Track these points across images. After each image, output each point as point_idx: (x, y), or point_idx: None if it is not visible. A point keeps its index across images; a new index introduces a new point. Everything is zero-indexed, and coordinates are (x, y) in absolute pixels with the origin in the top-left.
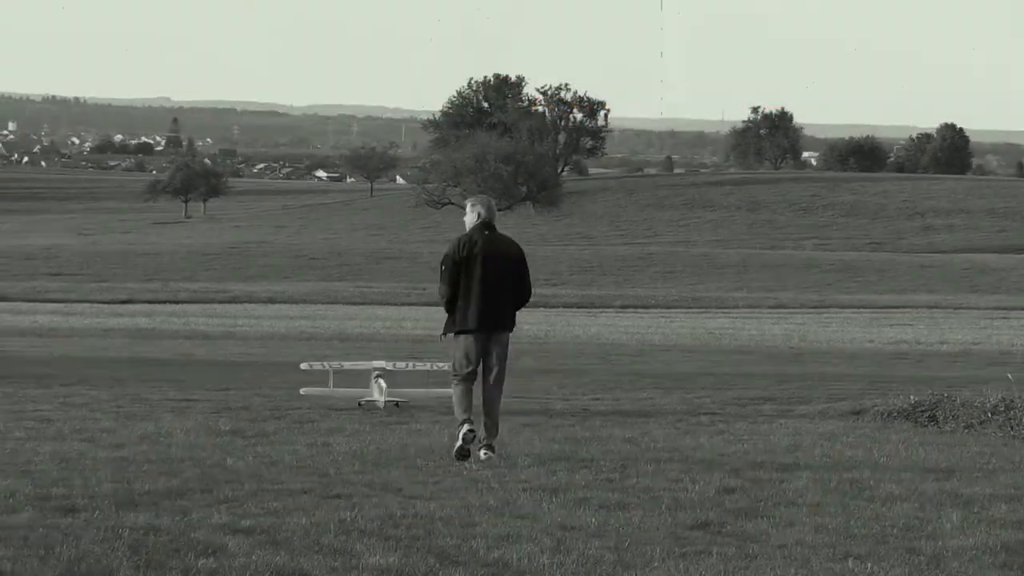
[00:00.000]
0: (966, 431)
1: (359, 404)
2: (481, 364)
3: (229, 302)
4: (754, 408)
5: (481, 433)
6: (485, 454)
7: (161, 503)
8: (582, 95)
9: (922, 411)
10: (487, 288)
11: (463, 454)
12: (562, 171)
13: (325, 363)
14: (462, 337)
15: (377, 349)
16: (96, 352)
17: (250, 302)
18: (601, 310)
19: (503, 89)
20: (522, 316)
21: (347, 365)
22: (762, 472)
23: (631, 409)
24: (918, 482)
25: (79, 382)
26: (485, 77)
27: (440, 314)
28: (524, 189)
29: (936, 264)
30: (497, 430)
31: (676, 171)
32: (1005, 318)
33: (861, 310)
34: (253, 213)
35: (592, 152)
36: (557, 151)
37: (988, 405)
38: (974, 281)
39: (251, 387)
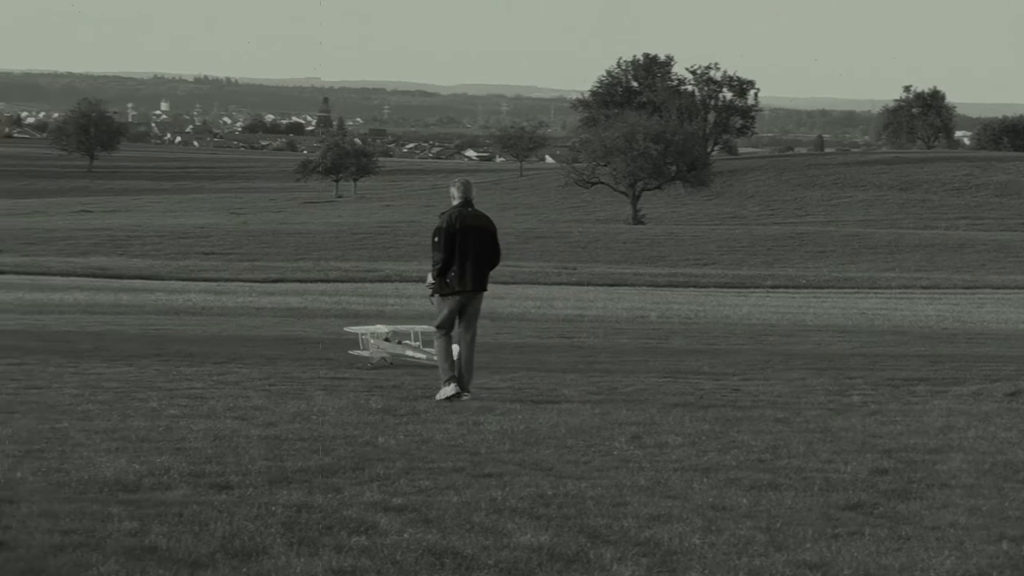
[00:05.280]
0: None
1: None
2: (458, 318)
3: (380, 281)
4: (907, 389)
5: (462, 379)
6: (466, 396)
7: (313, 480)
8: (731, 74)
9: None
10: (474, 255)
11: (452, 399)
12: (712, 150)
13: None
14: (451, 297)
15: (527, 329)
16: (248, 330)
17: (401, 281)
18: (751, 290)
19: (652, 68)
20: (671, 295)
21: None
22: (915, 453)
23: (782, 390)
24: None
25: (231, 360)
26: (634, 56)
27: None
28: (673, 168)
29: None
30: (471, 374)
31: (827, 150)
32: None
33: (1016, 291)
34: (403, 192)
35: (742, 131)
36: (707, 130)
37: None
38: None
39: (402, 366)
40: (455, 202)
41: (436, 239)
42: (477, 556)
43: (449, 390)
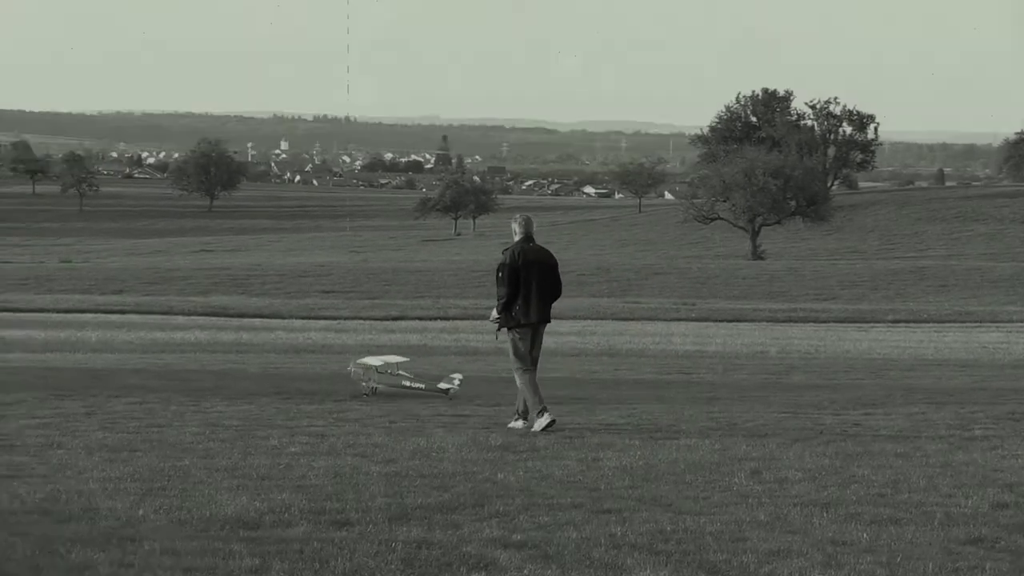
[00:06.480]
0: None
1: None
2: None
3: None
4: None
5: (520, 406)
6: (523, 424)
7: (433, 517)
8: (851, 108)
9: None
10: (538, 289)
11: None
12: (832, 185)
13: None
14: (518, 331)
15: (645, 364)
16: None
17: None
18: (872, 325)
19: (771, 103)
20: (791, 331)
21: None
22: None
23: (903, 424)
24: None
25: (352, 398)
26: (753, 91)
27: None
28: (793, 203)
29: None
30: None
31: (948, 184)
32: None
33: None
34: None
35: (862, 166)
36: (826, 165)
37: None
38: None
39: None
40: (516, 238)
41: (500, 274)
42: None
43: (544, 420)
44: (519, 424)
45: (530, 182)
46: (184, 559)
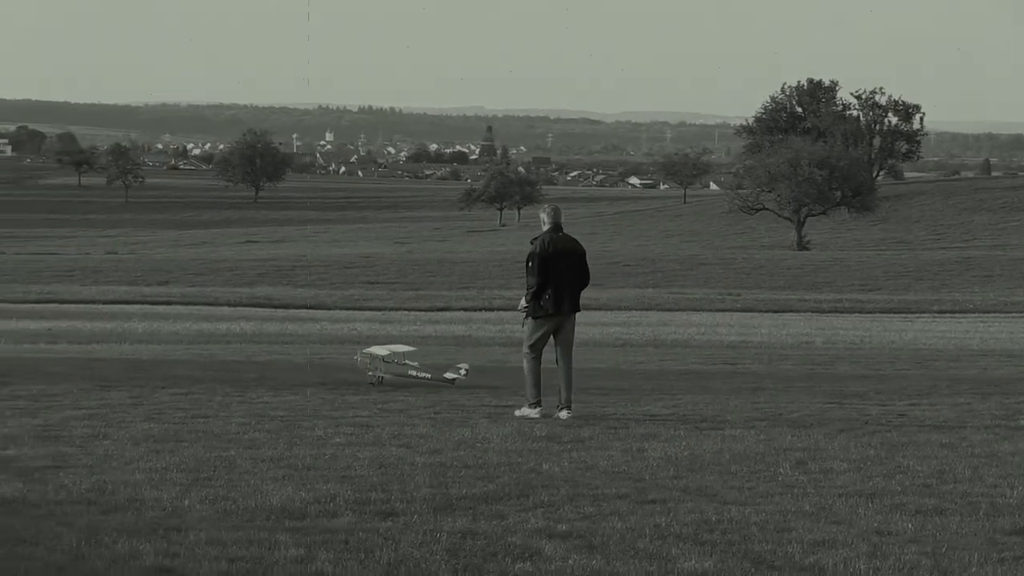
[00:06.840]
0: None
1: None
2: (554, 339)
3: None
4: None
5: (562, 396)
6: (567, 414)
7: (478, 507)
8: (897, 99)
9: None
10: (567, 278)
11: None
12: (877, 175)
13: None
14: (544, 320)
15: (691, 355)
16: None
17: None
18: (917, 315)
19: (817, 94)
20: (836, 321)
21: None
22: None
23: (948, 414)
24: None
25: (397, 388)
26: (799, 82)
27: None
28: (838, 194)
29: None
30: (571, 391)
31: (994, 174)
32: None
33: None
34: (566, 221)
35: (907, 156)
36: (872, 155)
37: None
38: None
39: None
40: (545, 227)
41: (530, 264)
42: None
43: (532, 413)
44: (564, 414)
45: (575, 173)
46: (229, 549)
